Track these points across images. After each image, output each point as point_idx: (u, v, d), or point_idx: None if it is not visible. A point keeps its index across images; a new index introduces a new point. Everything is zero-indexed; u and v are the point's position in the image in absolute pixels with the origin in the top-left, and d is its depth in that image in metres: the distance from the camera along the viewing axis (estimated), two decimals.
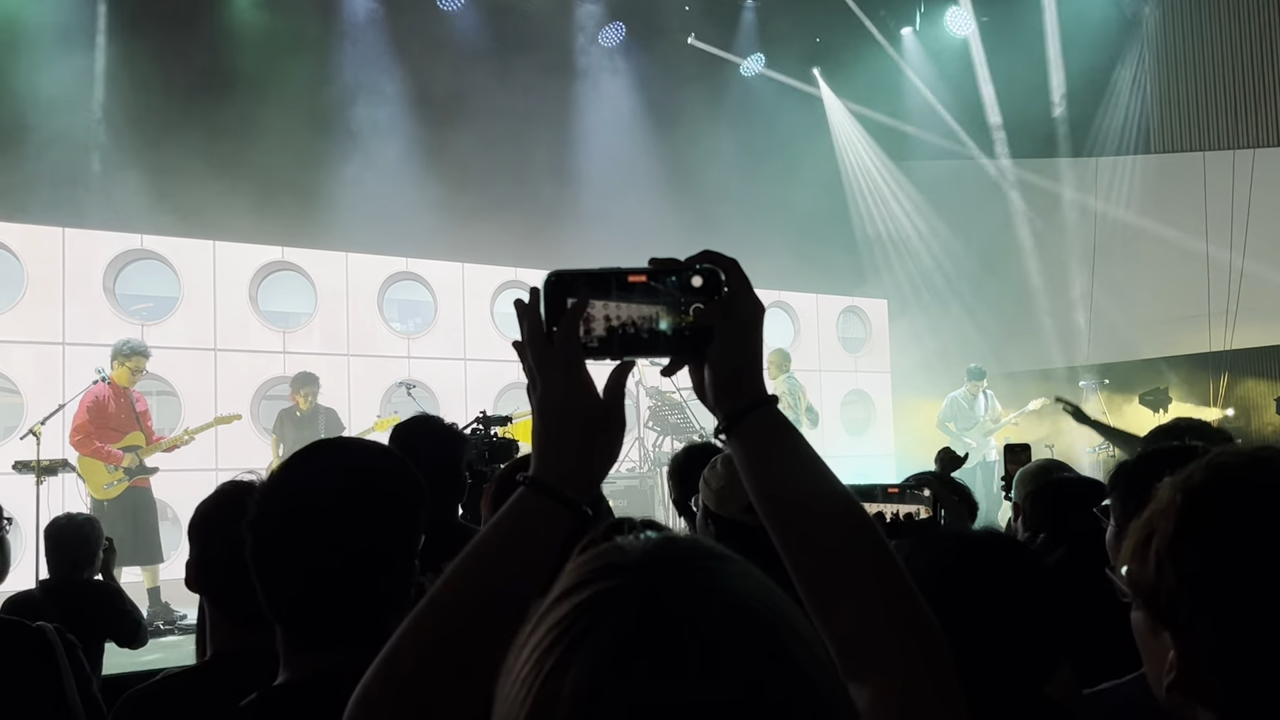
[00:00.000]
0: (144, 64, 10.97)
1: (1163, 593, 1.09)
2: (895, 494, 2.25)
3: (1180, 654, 1.09)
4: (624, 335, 1.16)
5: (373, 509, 1.58)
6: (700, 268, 1.18)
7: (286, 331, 11.32)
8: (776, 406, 1.18)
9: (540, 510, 1.11)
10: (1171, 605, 1.08)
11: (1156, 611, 1.11)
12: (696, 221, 13.43)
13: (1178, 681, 1.09)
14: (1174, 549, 1.08)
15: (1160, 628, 1.12)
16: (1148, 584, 1.11)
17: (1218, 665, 1.05)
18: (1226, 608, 1.04)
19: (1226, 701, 1.05)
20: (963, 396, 12.39)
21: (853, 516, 1.14)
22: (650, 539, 0.76)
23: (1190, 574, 1.07)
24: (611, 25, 14.05)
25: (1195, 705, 1.09)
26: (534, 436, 1.17)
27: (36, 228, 10.23)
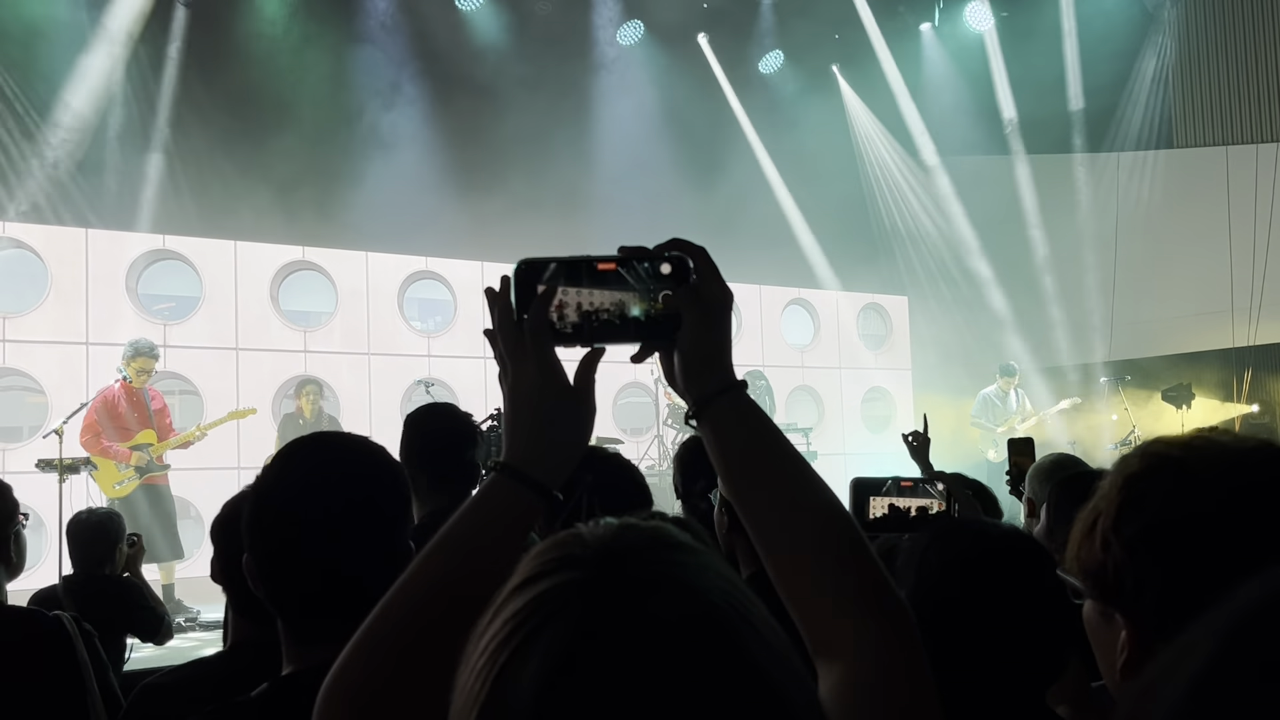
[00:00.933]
0: (167, 67, 11.04)
1: (1109, 571, 1.11)
2: (909, 487, 2.24)
3: (1130, 632, 1.10)
4: (594, 322, 1.17)
5: (359, 504, 1.59)
6: (669, 255, 1.19)
7: (307, 330, 11.36)
8: (744, 391, 1.19)
9: (511, 495, 1.12)
10: (1119, 583, 1.10)
11: (1105, 593, 1.13)
12: (716, 219, 13.41)
13: (1129, 661, 1.10)
14: (1115, 524, 1.12)
15: (1111, 614, 1.14)
16: (1095, 566, 1.13)
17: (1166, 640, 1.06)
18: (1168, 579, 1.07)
19: None
20: (995, 393, 12.33)
21: (820, 500, 1.14)
22: (609, 527, 0.76)
23: (1132, 548, 1.10)
24: (629, 23, 14.04)
25: None
26: (505, 422, 1.18)
27: (60, 229, 10.30)
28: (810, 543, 1.11)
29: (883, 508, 2.21)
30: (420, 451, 3.26)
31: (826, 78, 15.39)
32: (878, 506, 2.21)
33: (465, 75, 13.03)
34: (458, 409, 3.60)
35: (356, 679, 1.07)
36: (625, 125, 13.71)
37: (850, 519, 1.15)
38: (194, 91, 11.13)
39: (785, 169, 14.26)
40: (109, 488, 8.48)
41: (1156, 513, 1.09)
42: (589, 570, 0.71)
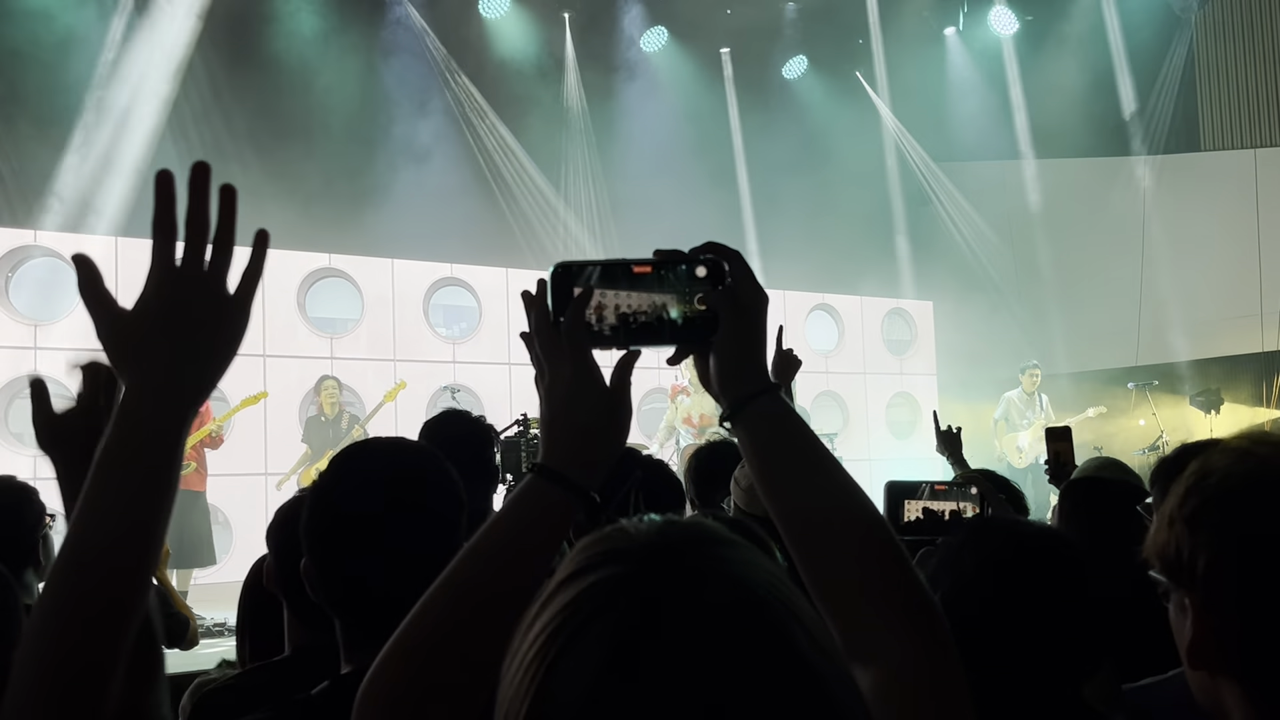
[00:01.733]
0: (195, 76, 11.13)
1: (1182, 558, 1.12)
2: (942, 490, 2.24)
3: (1195, 615, 1.11)
4: (630, 324, 1.18)
5: (417, 508, 1.62)
6: (704, 258, 1.21)
7: (334, 337, 11.43)
8: (780, 394, 1.20)
9: (548, 497, 1.13)
10: (1191, 570, 1.11)
11: (1172, 574, 1.14)
12: (739, 224, 13.45)
13: (1194, 645, 1.11)
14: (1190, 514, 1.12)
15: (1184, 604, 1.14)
16: (1169, 553, 1.14)
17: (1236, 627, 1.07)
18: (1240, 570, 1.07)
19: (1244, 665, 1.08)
20: (1018, 396, 12.25)
21: (855, 505, 1.15)
22: (654, 523, 0.77)
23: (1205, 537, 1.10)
24: (653, 29, 14.07)
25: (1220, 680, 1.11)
26: (541, 424, 1.19)
27: (90, 237, 10.39)
28: (844, 547, 1.12)
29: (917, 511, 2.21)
30: None
31: (850, 83, 15.37)
32: (912, 510, 2.22)
33: (490, 83, 13.09)
34: (469, 414, 3.63)
35: (393, 680, 1.08)
36: (649, 131, 13.73)
37: (885, 524, 1.16)
38: (222, 100, 11.21)
39: (808, 174, 14.23)
40: None
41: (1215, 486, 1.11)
42: (637, 564, 0.72)
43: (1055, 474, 4.05)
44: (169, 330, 1.12)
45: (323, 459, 9.72)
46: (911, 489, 2.25)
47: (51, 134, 10.51)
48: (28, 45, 10.17)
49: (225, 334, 1.15)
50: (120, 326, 1.14)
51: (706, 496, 3.62)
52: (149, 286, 1.14)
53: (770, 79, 14.97)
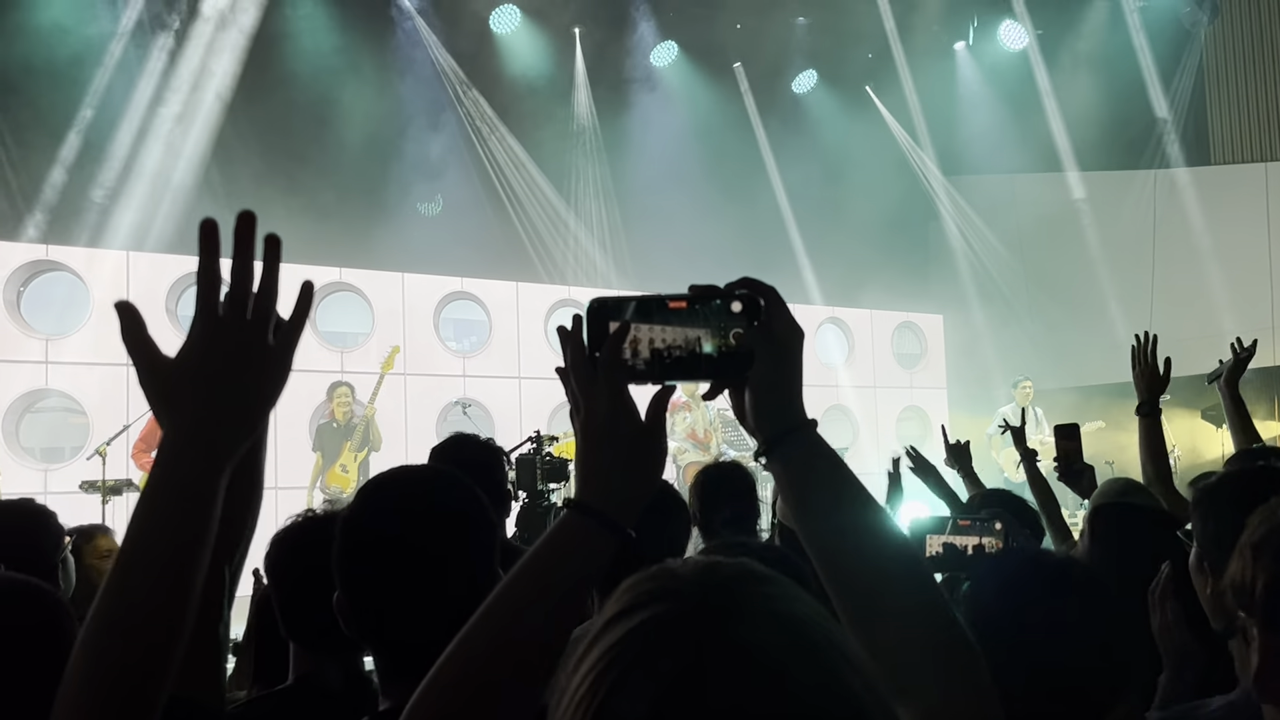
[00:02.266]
0: (209, 91, 11.20)
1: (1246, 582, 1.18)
2: (966, 526, 2.23)
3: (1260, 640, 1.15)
4: (666, 359, 1.18)
5: (452, 539, 1.60)
6: (739, 294, 1.21)
7: (344, 351, 11.44)
8: (816, 430, 1.20)
9: (585, 533, 1.13)
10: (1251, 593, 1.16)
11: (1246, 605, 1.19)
12: (750, 238, 13.44)
13: (1259, 674, 1.16)
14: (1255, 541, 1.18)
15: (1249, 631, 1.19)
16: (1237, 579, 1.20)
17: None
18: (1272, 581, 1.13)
19: None
20: (1012, 411, 12.26)
21: (891, 544, 1.15)
22: (701, 561, 0.78)
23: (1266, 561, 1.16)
24: (664, 44, 14.10)
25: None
26: (577, 460, 1.18)
27: (102, 251, 10.44)
28: (882, 588, 1.12)
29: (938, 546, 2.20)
30: None
31: (860, 97, 15.38)
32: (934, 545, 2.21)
33: (500, 97, 13.14)
34: (478, 438, 3.58)
35: (431, 717, 1.08)
36: (659, 145, 13.76)
37: (922, 563, 1.16)
38: (236, 115, 11.27)
39: (818, 188, 14.25)
40: None
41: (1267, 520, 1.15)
42: (687, 603, 0.73)
43: (1065, 472, 4.02)
44: (209, 380, 1.13)
45: (335, 465, 9.75)
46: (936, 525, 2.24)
47: (64, 150, 10.58)
48: (42, 61, 10.24)
49: (266, 385, 1.18)
50: (162, 375, 1.14)
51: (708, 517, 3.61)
52: (192, 335, 1.15)
53: (780, 93, 14.99)
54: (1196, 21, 14.67)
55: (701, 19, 13.96)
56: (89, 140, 10.69)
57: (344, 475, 9.73)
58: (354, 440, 9.93)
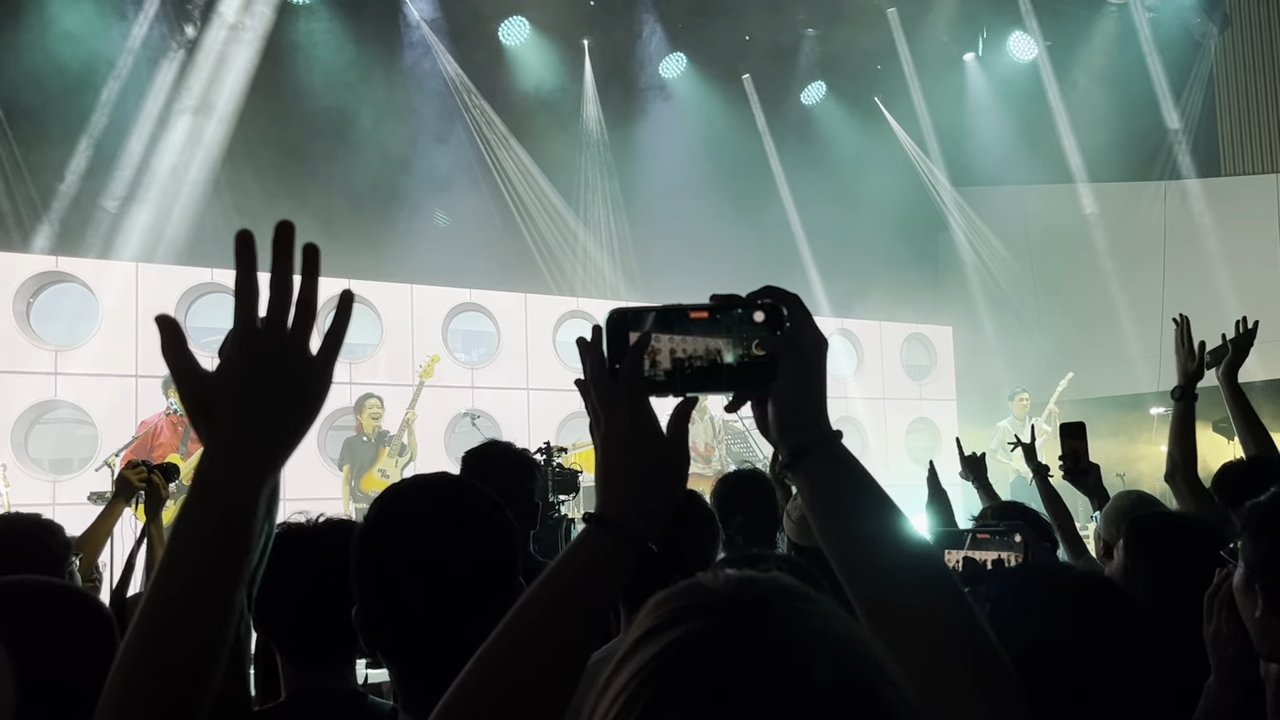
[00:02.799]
0: (218, 103, 11.23)
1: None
2: (985, 539, 2.21)
3: None
4: (688, 371, 1.16)
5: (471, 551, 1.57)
6: (762, 303, 1.19)
7: (353, 362, 11.44)
8: (841, 441, 1.18)
9: (606, 548, 1.11)
10: None
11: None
12: (759, 249, 13.44)
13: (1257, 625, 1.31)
14: None
15: None
16: None
17: None
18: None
19: None
20: (1010, 424, 12.25)
21: (921, 558, 1.13)
22: (733, 577, 0.76)
23: None
24: (672, 56, 14.13)
25: None
26: (598, 474, 1.16)
27: (111, 263, 10.46)
28: (912, 605, 1.10)
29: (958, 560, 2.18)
30: None
31: (869, 108, 15.40)
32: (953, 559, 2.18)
33: (510, 109, 13.17)
34: (513, 446, 3.54)
35: None
36: (667, 156, 13.78)
37: (951, 577, 1.14)
38: (244, 127, 11.30)
39: (827, 199, 14.25)
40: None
41: None
42: (720, 620, 0.71)
43: (1071, 471, 4.00)
44: (248, 394, 1.14)
45: (372, 470, 9.69)
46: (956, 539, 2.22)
47: (74, 161, 10.62)
48: (53, 71, 10.28)
49: (306, 398, 1.17)
50: (201, 389, 1.15)
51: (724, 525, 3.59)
52: (231, 348, 1.16)
53: (789, 105, 15.01)
54: (1206, 33, 14.66)
55: (710, 30, 13.98)
56: (99, 151, 10.73)
57: (384, 480, 9.61)
58: (392, 446, 9.86)
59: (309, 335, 1.20)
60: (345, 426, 10.91)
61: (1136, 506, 3.44)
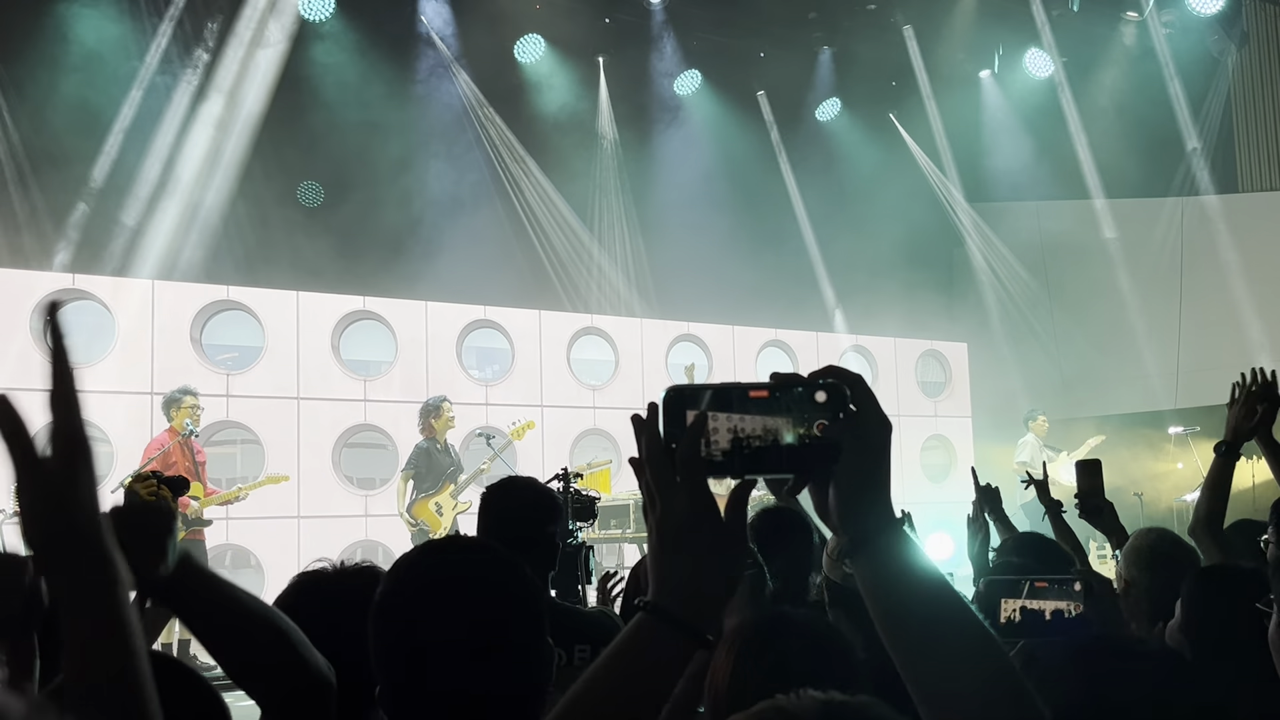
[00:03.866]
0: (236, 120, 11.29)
1: None
2: (1043, 588, 2.15)
3: None
4: (744, 449, 1.11)
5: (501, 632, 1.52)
6: (824, 382, 1.14)
7: (368, 380, 11.46)
8: (904, 529, 1.14)
9: (662, 639, 1.08)
10: None
11: None
12: (774, 266, 13.43)
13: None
14: None
15: None
16: None
17: None
18: None
19: None
20: (1034, 440, 12.21)
21: (982, 653, 1.09)
22: (816, 699, 0.74)
23: None
24: (687, 73, 14.15)
25: None
26: (652, 558, 1.13)
27: (127, 280, 10.50)
28: (969, 698, 1.07)
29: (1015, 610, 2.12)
30: (497, 527, 3.18)
31: (884, 125, 15.39)
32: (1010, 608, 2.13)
33: (525, 126, 13.20)
34: (536, 483, 3.46)
35: None
36: (683, 173, 13.79)
37: (1012, 668, 1.10)
38: (261, 145, 11.35)
39: (842, 215, 14.24)
40: None
41: None
42: None
43: (1085, 509, 3.99)
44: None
45: (432, 500, 9.44)
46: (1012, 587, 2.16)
47: (92, 179, 10.67)
48: (70, 89, 10.35)
49: None
50: None
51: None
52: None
53: (804, 121, 15.01)
54: (1224, 50, 14.62)
55: (725, 47, 14.01)
56: (116, 169, 10.78)
57: (437, 516, 9.33)
58: (459, 485, 9.50)
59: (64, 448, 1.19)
60: (360, 444, 10.93)
61: (1157, 545, 3.38)
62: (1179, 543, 3.45)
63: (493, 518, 3.23)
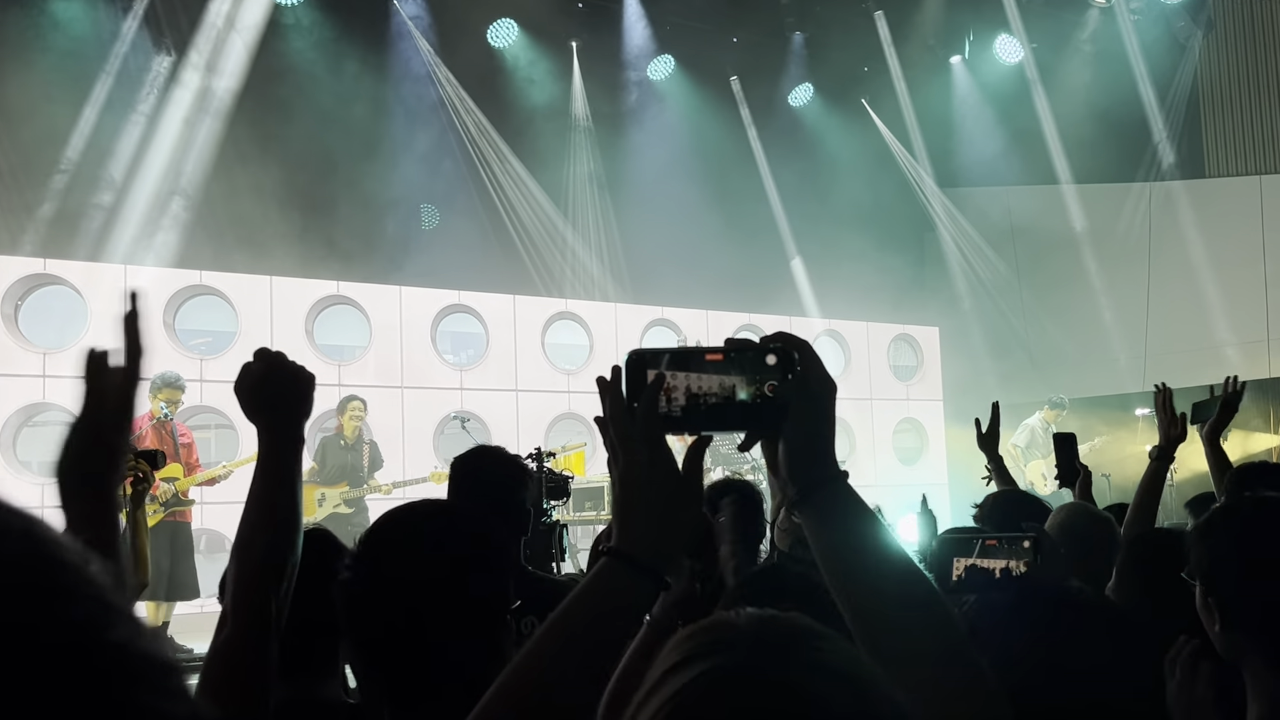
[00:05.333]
0: (207, 105, 11.24)
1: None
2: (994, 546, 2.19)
3: None
4: (702, 409, 1.20)
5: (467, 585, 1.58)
6: (774, 347, 1.22)
7: (341, 364, 11.45)
8: (847, 482, 1.22)
9: (625, 582, 1.14)
10: None
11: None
12: (746, 250, 13.48)
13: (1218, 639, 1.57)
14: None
15: None
16: None
17: None
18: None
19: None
20: (1039, 424, 12.26)
21: (921, 599, 1.17)
22: (755, 615, 0.80)
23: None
24: (660, 58, 14.15)
25: None
26: (615, 509, 1.20)
27: (99, 265, 10.46)
28: (914, 646, 1.14)
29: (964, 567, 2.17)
30: (469, 496, 3.22)
31: (856, 110, 15.45)
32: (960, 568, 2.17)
33: (498, 110, 13.18)
34: (504, 452, 3.51)
35: None
36: (656, 157, 13.80)
37: (952, 618, 1.18)
38: (234, 129, 11.30)
39: (814, 200, 14.29)
40: None
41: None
42: (746, 655, 0.75)
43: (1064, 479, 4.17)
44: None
45: (317, 491, 9.55)
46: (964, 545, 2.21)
47: (63, 163, 10.60)
48: (42, 73, 10.27)
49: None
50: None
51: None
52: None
53: (776, 106, 15.05)
54: (1191, 35, 14.75)
55: (698, 33, 14.01)
56: (88, 154, 10.71)
57: (316, 505, 9.40)
58: (354, 486, 9.62)
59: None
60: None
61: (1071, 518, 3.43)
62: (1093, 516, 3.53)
63: (464, 485, 3.27)
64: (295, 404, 1.87)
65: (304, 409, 1.87)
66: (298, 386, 1.87)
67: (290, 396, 1.87)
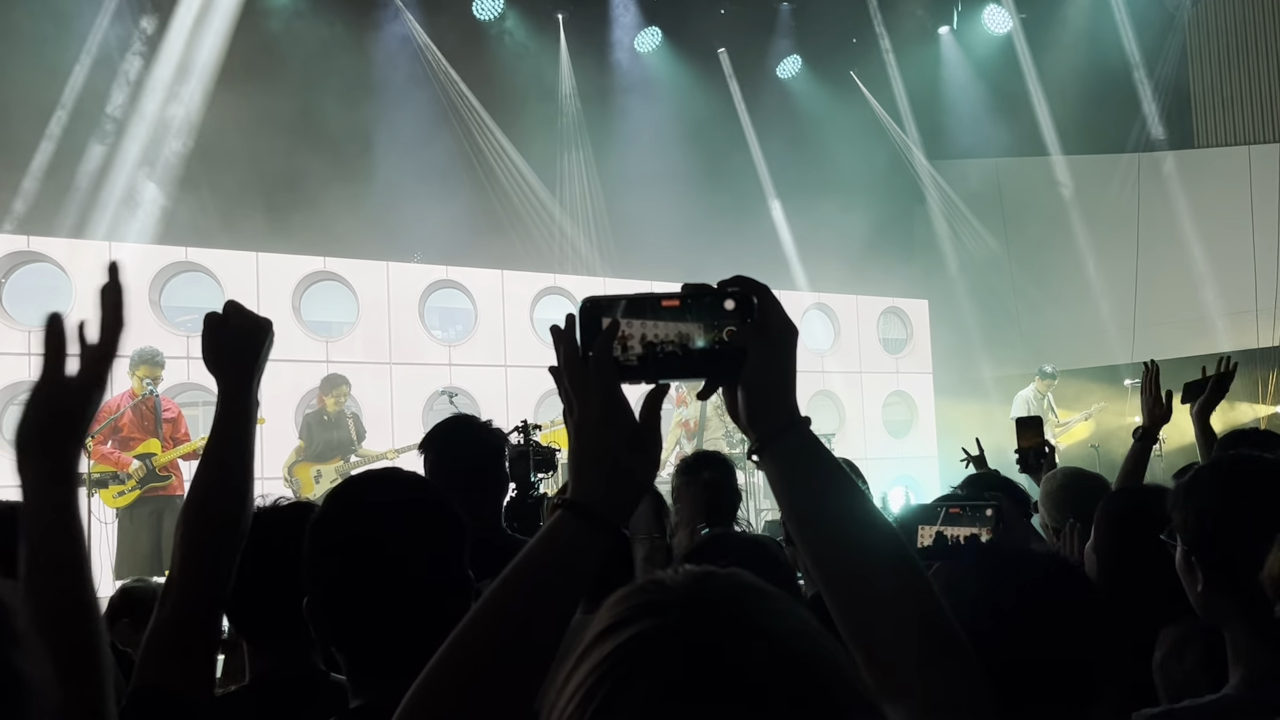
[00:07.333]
0: (190, 80, 11.14)
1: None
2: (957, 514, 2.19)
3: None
4: (659, 356, 1.16)
5: (421, 542, 1.61)
6: (731, 291, 1.19)
7: (329, 341, 11.41)
8: (809, 428, 1.19)
9: (578, 532, 1.11)
10: None
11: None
12: (735, 223, 13.44)
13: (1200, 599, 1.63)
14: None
15: None
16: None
17: None
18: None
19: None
20: (1032, 395, 12.29)
21: (884, 543, 1.14)
22: (690, 573, 0.77)
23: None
24: (647, 30, 14.07)
25: None
26: (570, 459, 1.17)
27: (83, 242, 10.38)
28: (876, 587, 1.12)
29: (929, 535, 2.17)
30: (449, 464, 3.19)
31: (844, 82, 15.39)
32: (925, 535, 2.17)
33: (484, 84, 13.11)
34: (481, 421, 3.51)
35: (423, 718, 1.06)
36: (643, 131, 13.75)
37: (915, 561, 1.15)
38: (217, 104, 11.21)
39: (803, 173, 14.26)
40: (109, 497, 8.40)
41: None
42: (675, 617, 0.72)
43: (1025, 464, 4.09)
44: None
45: (314, 467, 9.60)
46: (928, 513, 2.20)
47: (45, 140, 10.52)
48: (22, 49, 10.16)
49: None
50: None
51: None
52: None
53: (764, 78, 14.99)
54: (1179, 5, 14.71)
55: (685, 4, 13.94)
56: (70, 130, 10.62)
57: (313, 482, 9.51)
58: (347, 461, 9.70)
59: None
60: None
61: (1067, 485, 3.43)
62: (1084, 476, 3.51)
63: (439, 455, 3.25)
64: (250, 354, 1.84)
65: (258, 357, 1.85)
66: (255, 335, 1.85)
67: (246, 344, 1.84)
